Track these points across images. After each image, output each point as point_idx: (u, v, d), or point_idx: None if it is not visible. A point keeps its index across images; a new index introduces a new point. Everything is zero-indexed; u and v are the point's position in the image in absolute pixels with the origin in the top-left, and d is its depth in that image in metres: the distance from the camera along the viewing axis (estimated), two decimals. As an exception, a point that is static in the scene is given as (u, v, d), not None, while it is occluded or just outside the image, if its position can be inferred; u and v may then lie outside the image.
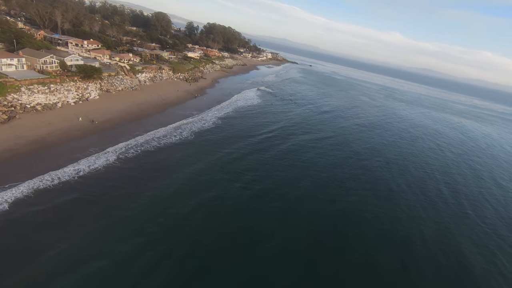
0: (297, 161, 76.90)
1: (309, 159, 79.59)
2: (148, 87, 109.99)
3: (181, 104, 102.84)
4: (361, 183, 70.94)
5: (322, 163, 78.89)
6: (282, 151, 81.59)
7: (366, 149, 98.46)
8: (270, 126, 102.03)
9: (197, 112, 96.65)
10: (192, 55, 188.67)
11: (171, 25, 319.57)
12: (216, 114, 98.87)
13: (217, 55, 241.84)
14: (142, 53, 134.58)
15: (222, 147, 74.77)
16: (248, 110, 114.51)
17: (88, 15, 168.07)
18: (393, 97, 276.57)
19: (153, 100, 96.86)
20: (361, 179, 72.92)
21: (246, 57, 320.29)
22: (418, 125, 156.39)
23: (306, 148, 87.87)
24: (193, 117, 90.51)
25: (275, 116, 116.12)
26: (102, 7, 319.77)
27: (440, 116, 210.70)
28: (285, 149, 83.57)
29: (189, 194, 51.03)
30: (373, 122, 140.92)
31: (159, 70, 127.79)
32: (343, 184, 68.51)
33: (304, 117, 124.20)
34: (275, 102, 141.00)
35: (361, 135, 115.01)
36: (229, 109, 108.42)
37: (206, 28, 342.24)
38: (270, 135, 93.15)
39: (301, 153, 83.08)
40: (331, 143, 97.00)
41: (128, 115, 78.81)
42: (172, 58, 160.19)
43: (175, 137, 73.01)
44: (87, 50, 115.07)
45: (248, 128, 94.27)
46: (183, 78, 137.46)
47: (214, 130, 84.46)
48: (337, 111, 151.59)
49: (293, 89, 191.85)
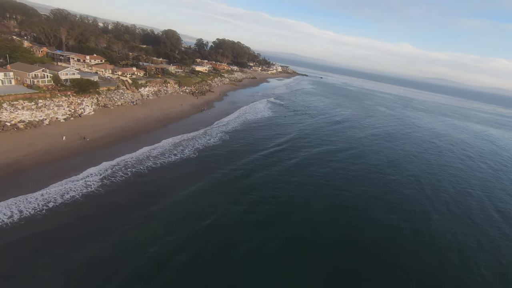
0: (310, 178, 66.44)
1: (324, 175, 68.88)
2: (151, 101, 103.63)
3: (185, 118, 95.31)
4: (390, 207, 59.11)
5: (340, 180, 67.95)
6: (294, 167, 71.59)
7: (389, 162, 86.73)
8: (281, 138, 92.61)
9: (202, 127, 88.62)
10: (200, 68, 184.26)
11: (180, 42, 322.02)
12: (222, 128, 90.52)
13: (226, 69, 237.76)
14: (147, 67, 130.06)
15: (227, 164, 65.58)
16: (257, 122, 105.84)
17: (95, 32, 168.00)
18: (412, 106, 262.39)
19: (155, 115, 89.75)
20: (389, 201, 61.17)
21: (256, 71, 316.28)
22: (442, 135, 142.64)
23: (320, 162, 77.39)
24: (197, 132, 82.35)
25: (286, 128, 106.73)
26: (114, 28, 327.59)
27: (465, 125, 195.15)
28: (297, 164, 73.52)
29: (180, 225, 41.42)
30: (394, 133, 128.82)
31: (164, 84, 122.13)
32: (368, 208, 57.01)
33: (317, 128, 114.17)
34: (286, 113, 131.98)
35: (382, 146, 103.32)
36: (236, 123, 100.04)
37: (215, 43, 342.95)
38: (280, 148, 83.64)
39: (314, 168, 72.67)
40: (348, 156, 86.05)
41: (124, 132, 71.34)
42: (179, 72, 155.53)
43: (175, 155, 64.43)
44: (89, 65, 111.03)
45: (257, 142, 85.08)
46: (190, 92, 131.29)
47: (219, 145, 75.67)
48: (352, 121, 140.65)
49: (305, 100, 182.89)
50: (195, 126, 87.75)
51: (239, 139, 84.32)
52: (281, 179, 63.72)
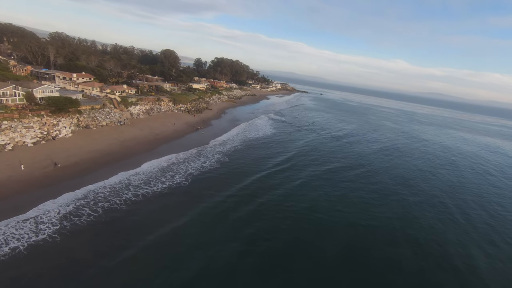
0: (320, 204, 56.00)
1: (335, 200, 58.30)
2: (141, 120, 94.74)
3: (179, 138, 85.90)
4: (422, 247, 47.61)
5: (355, 206, 57.28)
6: (299, 190, 61.49)
7: (407, 182, 76.21)
8: (284, 156, 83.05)
9: (197, 148, 79.03)
10: (197, 86, 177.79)
11: (178, 61, 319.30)
12: (219, 148, 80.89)
13: (225, 86, 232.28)
14: (139, 84, 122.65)
15: (223, 190, 55.46)
16: (258, 140, 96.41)
17: (87, 50, 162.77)
18: (417, 120, 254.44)
19: (143, 136, 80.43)
20: (419, 237, 49.81)
21: (255, 88, 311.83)
22: (455, 149, 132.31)
23: (329, 184, 67.14)
24: (190, 154, 72.60)
25: (290, 144, 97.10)
26: (113, 49, 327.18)
27: (474, 138, 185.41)
28: (303, 186, 63.44)
29: (153, 282, 30.63)
30: (404, 148, 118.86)
31: (157, 101, 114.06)
32: (394, 244, 45.95)
33: (323, 144, 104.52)
34: (289, 129, 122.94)
35: (395, 163, 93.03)
36: (236, 141, 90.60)
37: (213, 62, 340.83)
38: (284, 168, 74.00)
39: (324, 191, 62.45)
40: (360, 176, 75.85)
41: (105, 156, 61.57)
42: (174, 89, 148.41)
43: (162, 183, 54.27)
44: (76, 84, 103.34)
45: (258, 162, 75.21)
46: (185, 110, 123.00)
47: (214, 169, 65.64)
48: (359, 136, 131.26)
49: (308, 116, 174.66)
50: (189, 147, 78.15)
51: (238, 160, 74.50)
52: (285, 206, 53.42)
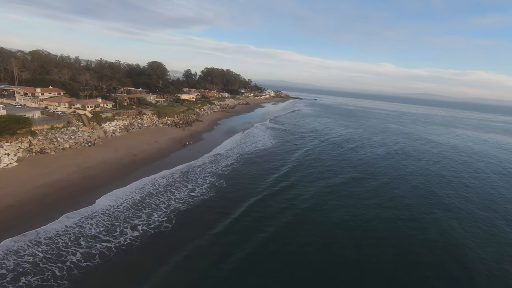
0: (342, 235, 40.56)
1: (363, 229, 42.65)
2: (118, 139, 78.60)
3: (162, 159, 69.89)
4: None
5: (389, 237, 41.89)
6: (313, 214, 47.04)
7: (433, 195, 61.26)
8: (287, 172, 67.90)
9: (185, 169, 63.22)
10: (186, 97, 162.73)
11: (166, 73, 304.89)
12: (211, 168, 65.04)
13: (217, 96, 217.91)
14: (118, 97, 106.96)
15: (215, 226, 39.76)
16: (257, 153, 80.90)
17: (60, 63, 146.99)
18: (420, 121, 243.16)
19: (117, 158, 64.25)
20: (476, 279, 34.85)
21: (248, 97, 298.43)
22: (470, 151, 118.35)
23: (349, 203, 52.09)
24: (174, 179, 56.62)
25: (293, 156, 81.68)
26: (98, 64, 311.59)
27: (484, 137, 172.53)
28: (317, 209, 48.76)
29: None
30: (418, 153, 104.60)
31: (139, 115, 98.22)
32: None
33: (331, 153, 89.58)
34: (289, 138, 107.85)
35: (412, 170, 78.39)
36: (231, 157, 74.95)
37: (204, 72, 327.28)
38: (289, 185, 59.75)
39: (344, 214, 47.40)
40: (377, 189, 61.54)
41: (54, 193, 45.14)
42: (160, 101, 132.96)
43: (134, 229, 38.14)
44: (40, 100, 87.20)
45: (258, 181, 60.10)
46: (172, 123, 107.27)
47: (207, 199, 49.74)
48: (367, 142, 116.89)
49: (307, 123, 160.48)
50: (174, 170, 62.13)
51: (235, 181, 58.86)
52: (293, 243, 38.52)
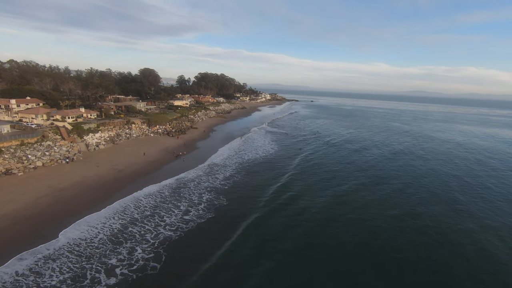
0: (343, 256, 31.96)
1: (374, 249, 34.37)
2: (101, 152, 69.83)
3: (151, 173, 61.29)
4: None
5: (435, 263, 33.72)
6: (317, 235, 38.14)
7: (464, 207, 53.34)
8: (294, 181, 59.17)
9: (176, 184, 54.66)
10: (179, 103, 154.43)
11: (159, 80, 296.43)
12: (208, 182, 56.56)
13: (211, 101, 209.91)
14: (104, 106, 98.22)
15: (208, 260, 31.14)
16: (258, 161, 72.68)
17: (42, 72, 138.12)
18: (421, 118, 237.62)
19: (98, 176, 55.53)
20: None
21: (244, 101, 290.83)
22: (482, 148, 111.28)
23: (368, 215, 43.58)
24: (165, 198, 48.12)
25: (298, 163, 73.59)
26: (89, 74, 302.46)
27: (488, 131, 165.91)
28: (322, 226, 39.93)
29: None
30: (429, 152, 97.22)
31: (127, 125, 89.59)
32: None
33: (338, 157, 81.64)
34: (291, 142, 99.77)
35: (425, 171, 70.58)
36: (230, 168, 66.61)
37: (197, 78, 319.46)
38: (297, 195, 50.06)
39: (349, 229, 39.00)
40: (388, 196, 52.50)
41: (11, 227, 36.37)
42: (151, 109, 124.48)
43: (109, 273, 29.63)
44: (15, 112, 78.35)
45: (262, 194, 51.26)
46: (163, 132, 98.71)
47: (203, 223, 41.24)
48: (373, 142, 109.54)
49: (307, 125, 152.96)
50: (164, 186, 53.52)
51: (236, 196, 50.50)
52: (304, 276, 29.91)
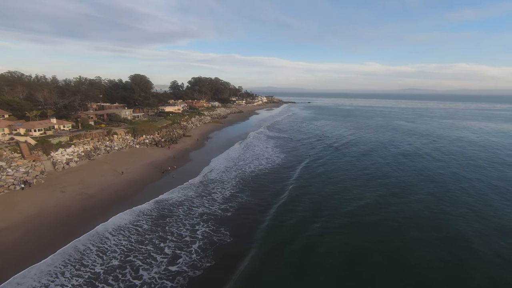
0: None
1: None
2: (71, 172, 57.38)
3: (131, 197, 48.88)
4: None
5: None
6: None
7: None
8: (301, 198, 47.03)
9: (160, 211, 42.47)
10: (171, 109, 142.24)
11: (151, 86, 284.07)
12: (201, 207, 44.36)
13: (206, 106, 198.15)
14: (80, 115, 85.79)
15: None
16: (263, 174, 60.67)
17: (16, 80, 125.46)
18: (425, 115, 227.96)
19: (61, 205, 43.09)
20: None
21: (240, 104, 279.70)
22: (499, 146, 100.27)
23: (389, 262, 31.38)
24: (142, 234, 35.94)
25: (312, 176, 61.74)
26: (78, 82, 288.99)
27: (500, 127, 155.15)
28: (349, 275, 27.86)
29: None
30: (448, 155, 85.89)
31: (107, 136, 77.25)
32: None
33: (353, 165, 69.93)
34: (297, 148, 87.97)
35: (456, 182, 58.68)
36: (229, 185, 54.51)
37: (191, 82, 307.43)
38: (306, 224, 37.44)
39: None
40: (425, 221, 40.39)
41: None
42: (139, 116, 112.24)
43: None
44: (-30, 126, 65.79)
45: (266, 217, 38.75)
46: (151, 142, 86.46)
47: (191, 280, 29.22)
48: (387, 145, 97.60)
49: (310, 128, 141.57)
50: (143, 216, 41.28)
51: (236, 222, 38.44)
52: None
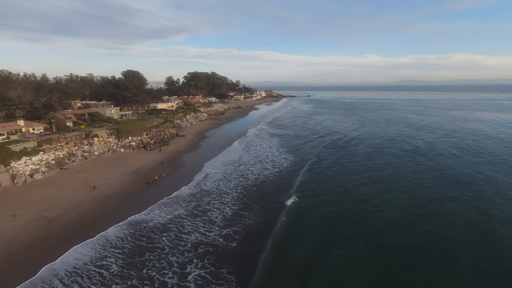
0: None
1: None
2: (34, 186, 46.83)
3: (102, 220, 38.65)
4: None
5: None
6: None
7: None
8: (316, 219, 36.42)
9: (137, 243, 32.28)
10: (164, 106, 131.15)
11: (145, 83, 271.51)
12: (195, 233, 34.02)
13: (202, 102, 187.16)
14: (56, 115, 75.02)
15: None
16: (267, 178, 50.39)
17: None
18: (432, 107, 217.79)
19: (5, 238, 32.78)
20: None
21: (238, 100, 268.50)
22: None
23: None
24: (107, 282, 25.78)
25: (316, 178, 51.35)
26: (69, 79, 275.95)
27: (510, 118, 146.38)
28: None
29: None
30: (473, 151, 75.94)
31: (86, 139, 66.65)
32: None
33: (370, 167, 59.57)
34: (303, 146, 77.61)
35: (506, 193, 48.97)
36: (228, 198, 44.16)
37: (186, 78, 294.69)
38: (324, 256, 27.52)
39: None
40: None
41: None
42: (127, 115, 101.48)
43: None
44: None
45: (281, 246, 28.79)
46: (139, 145, 75.87)
47: None
48: (404, 141, 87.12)
49: (315, 123, 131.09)
50: (114, 251, 30.95)
51: (242, 257, 28.04)
52: None
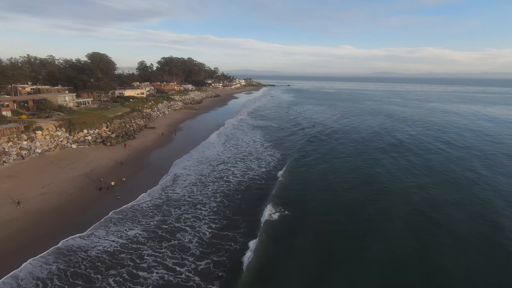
0: None
1: None
2: None
3: (35, 246, 27.68)
4: None
5: None
6: None
7: None
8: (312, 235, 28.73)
9: (67, 281, 22.13)
10: (131, 93, 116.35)
11: (114, 67, 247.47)
12: (151, 269, 24.40)
13: (177, 89, 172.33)
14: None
15: None
16: (252, 182, 41.46)
17: None
18: (411, 99, 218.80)
19: None
20: None
21: (217, 88, 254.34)
22: (497, 133, 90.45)
23: None
24: None
25: (316, 182, 43.44)
26: (27, 61, 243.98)
27: (486, 111, 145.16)
28: None
29: None
30: (464, 146, 72.14)
31: (25, 132, 53.18)
32: None
33: (355, 167, 52.79)
34: (292, 142, 69.26)
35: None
36: (205, 210, 34.55)
37: (160, 63, 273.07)
38: None
39: None
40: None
41: None
42: (86, 103, 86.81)
43: None
44: None
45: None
46: (96, 139, 63.08)
47: None
48: (386, 135, 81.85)
49: (298, 114, 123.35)
50: None
51: None
52: None
